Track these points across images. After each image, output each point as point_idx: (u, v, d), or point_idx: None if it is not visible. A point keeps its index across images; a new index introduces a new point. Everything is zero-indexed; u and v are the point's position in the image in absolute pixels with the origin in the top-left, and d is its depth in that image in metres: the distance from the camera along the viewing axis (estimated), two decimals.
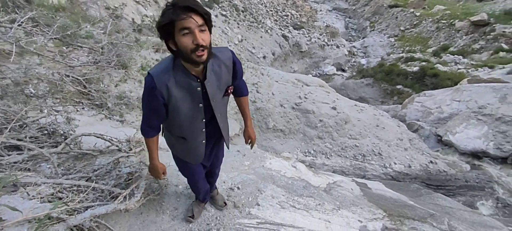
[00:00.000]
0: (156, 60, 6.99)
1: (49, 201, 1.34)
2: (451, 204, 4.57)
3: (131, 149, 2.54)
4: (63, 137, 2.47)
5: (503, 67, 12.32)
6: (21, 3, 4.78)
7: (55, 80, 4.13)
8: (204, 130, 1.57)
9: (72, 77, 4.45)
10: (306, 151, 7.12)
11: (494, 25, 18.65)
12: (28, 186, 1.37)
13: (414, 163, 6.68)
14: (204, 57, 1.25)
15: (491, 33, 18.26)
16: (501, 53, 15.93)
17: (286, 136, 7.43)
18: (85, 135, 2.18)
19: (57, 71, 4.41)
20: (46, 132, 2.25)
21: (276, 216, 2.56)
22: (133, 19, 10.53)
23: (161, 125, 1.64)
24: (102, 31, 6.33)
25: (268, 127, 7.32)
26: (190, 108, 1.45)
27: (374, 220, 2.99)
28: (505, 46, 16.61)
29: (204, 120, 1.53)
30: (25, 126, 2.18)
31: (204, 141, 1.63)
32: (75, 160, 2.17)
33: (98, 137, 2.25)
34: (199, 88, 1.41)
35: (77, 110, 4.39)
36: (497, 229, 3.69)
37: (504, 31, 17.46)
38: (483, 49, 17.70)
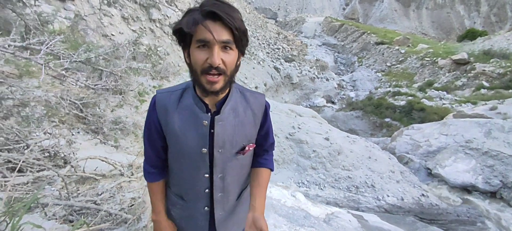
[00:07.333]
0: (153, 87, 7.04)
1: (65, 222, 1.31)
2: None
3: (132, 174, 2.50)
4: (62, 160, 2.43)
5: (485, 104, 12.89)
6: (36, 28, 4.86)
7: (52, 103, 4.09)
8: (207, 190, 1.10)
9: (69, 101, 4.43)
10: (300, 181, 7.09)
11: (474, 64, 19.75)
12: (45, 207, 1.34)
13: (406, 195, 6.72)
14: (217, 85, 0.92)
15: (472, 71, 19.29)
16: (482, 90, 16.75)
17: (279, 165, 7.41)
18: (91, 158, 2.15)
19: (54, 94, 4.38)
20: (47, 154, 2.21)
21: None
22: (129, 47, 10.72)
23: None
24: (100, 57, 6.40)
25: None
26: (191, 149, 1.03)
27: None
28: (485, 84, 17.51)
29: (207, 175, 1.08)
30: (26, 147, 2.14)
31: (207, 208, 1.14)
32: (76, 183, 2.12)
33: (103, 161, 2.23)
34: (206, 123, 1.01)
35: (72, 135, 4.32)
36: None
37: (484, 70, 18.48)
38: (465, 86, 18.60)
